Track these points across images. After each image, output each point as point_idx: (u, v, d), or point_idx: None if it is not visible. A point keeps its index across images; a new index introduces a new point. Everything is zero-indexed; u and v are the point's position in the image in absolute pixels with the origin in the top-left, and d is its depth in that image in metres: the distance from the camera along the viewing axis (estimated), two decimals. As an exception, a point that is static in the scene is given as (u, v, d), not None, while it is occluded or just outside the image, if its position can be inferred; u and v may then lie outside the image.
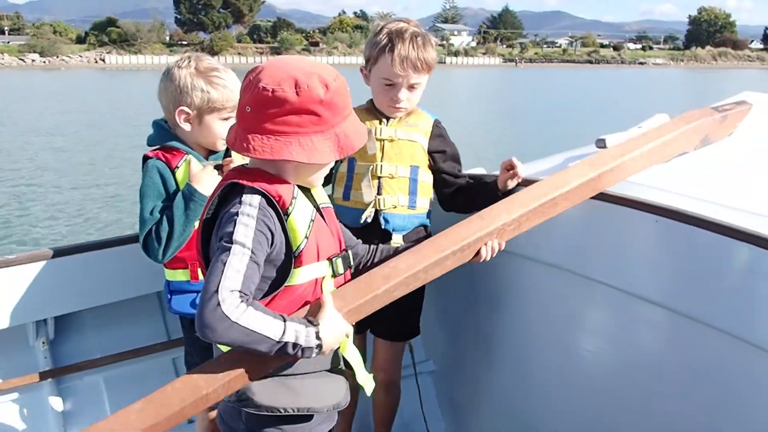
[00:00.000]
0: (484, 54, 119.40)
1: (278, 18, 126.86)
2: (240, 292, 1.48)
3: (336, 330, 1.63)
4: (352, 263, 1.80)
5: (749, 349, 1.88)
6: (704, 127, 2.52)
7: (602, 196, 2.20)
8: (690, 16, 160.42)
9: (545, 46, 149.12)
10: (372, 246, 2.00)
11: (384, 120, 2.42)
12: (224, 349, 1.63)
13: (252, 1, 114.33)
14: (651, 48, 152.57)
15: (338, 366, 1.76)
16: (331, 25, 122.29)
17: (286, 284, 1.63)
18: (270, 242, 1.59)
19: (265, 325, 1.49)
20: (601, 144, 2.52)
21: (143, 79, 53.90)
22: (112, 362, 2.94)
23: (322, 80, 1.56)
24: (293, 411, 1.68)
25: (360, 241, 1.99)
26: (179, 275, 2.36)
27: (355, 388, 1.87)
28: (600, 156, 2.25)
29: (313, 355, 1.57)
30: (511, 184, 2.37)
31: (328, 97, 1.57)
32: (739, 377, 1.96)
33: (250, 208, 1.57)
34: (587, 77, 75.86)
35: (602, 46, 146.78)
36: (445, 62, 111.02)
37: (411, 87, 2.35)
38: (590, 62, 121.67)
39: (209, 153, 2.38)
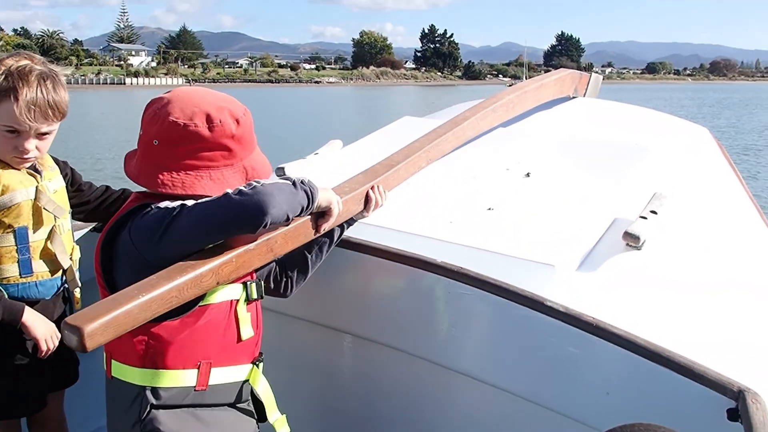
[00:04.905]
0: (166, 74, 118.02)
1: None
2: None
3: (318, 187, 1.61)
4: (263, 294, 1.73)
5: (422, 364, 2.05)
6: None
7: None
8: (354, 39, 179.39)
9: (227, 66, 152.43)
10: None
11: (37, 172, 2.04)
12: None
13: None
14: (324, 68, 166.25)
15: (246, 400, 1.71)
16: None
17: (201, 303, 1.55)
18: None
19: (276, 181, 1.50)
20: (280, 173, 2.50)
21: None
22: None
23: (233, 115, 1.58)
24: None
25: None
26: None
27: None
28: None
29: (316, 198, 1.58)
30: None
31: (239, 132, 1.58)
32: (409, 387, 2.13)
33: (169, 204, 1.50)
34: (270, 96, 78.68)
35: (280, 66, 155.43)
36: (125, 83, 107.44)
37: (41, 135, 1.97)
38: (271, 81, 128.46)
39: None
